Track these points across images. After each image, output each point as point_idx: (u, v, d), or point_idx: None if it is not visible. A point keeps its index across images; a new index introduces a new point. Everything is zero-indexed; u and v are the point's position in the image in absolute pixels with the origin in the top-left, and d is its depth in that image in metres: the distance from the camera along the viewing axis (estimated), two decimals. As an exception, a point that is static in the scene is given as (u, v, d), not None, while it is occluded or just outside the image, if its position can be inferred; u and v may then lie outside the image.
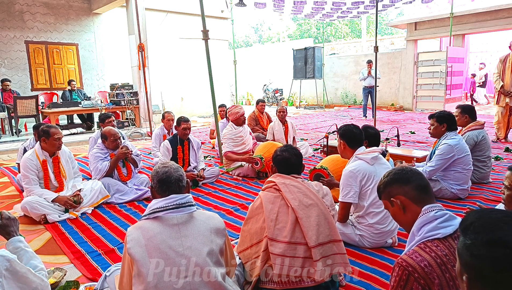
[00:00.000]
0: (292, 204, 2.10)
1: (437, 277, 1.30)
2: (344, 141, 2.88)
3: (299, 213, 2.07)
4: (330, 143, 5.58)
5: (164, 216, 1.68)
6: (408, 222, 1.57)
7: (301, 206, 2.10)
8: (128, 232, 1.68)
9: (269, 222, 2.08)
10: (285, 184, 2.19)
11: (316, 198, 2.16)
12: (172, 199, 1.71)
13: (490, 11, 11.47)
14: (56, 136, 3.64)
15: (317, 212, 2.09)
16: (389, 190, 1.62)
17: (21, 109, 8.28)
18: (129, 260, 1.62)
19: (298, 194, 2.14)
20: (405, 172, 1.61)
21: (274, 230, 2.06)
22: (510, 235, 0.89)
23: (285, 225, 2.07)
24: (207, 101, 11.85)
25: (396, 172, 1.64)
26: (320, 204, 2.14)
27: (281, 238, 2.04)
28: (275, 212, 2.11)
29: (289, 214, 2.09)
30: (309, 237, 2.01)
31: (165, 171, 1.78)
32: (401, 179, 1.60)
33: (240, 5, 9.63)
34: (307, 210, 2.09)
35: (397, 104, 13.66)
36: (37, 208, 3.46)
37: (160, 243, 1.62)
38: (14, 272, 1.63)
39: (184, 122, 4.53)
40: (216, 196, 4.24)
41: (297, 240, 2.03)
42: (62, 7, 10.91)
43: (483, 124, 4.35)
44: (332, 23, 28.20)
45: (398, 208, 1.58)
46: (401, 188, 1.58)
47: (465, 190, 3.83)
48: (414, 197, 1.55)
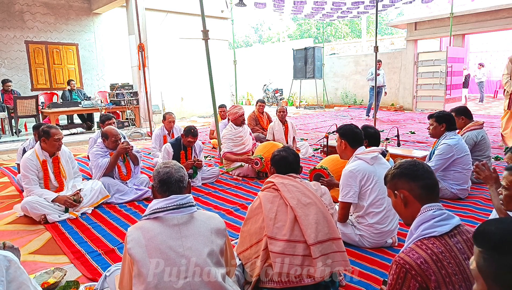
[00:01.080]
0: (291, 203, 2.12)
1: (434, 274, 1.32)
2: (345, 140, 2.88)
3: (298, 212, 2.09)
4: (330, 143, 5.58)
5: (164, 216, 1.68)
6: (407, 216, 1.60)
7: (300, 204, 2.12)
8: (128, 232, 1.68)
9: (268, 221, 2.10)
10: (283, 184, 2.21)
11: (315, 197, 2.18)
12: (173, 200, 1.71)
13: (490, 11, 11.47)
14: (56, 137, 3.64)
15: (316, 211, 2.11)
16: (395, 182, 1.61)
17: (21, 109, 8.29)
18: (129, 260, 1.62)
19: (296, 193, 2.17)
20: (416, 168, 1.58)
21: (273, 229, 2.08)
22: None
23: (284, 224, 2.09)
24: (207, 101, 11.85)
25: (407, 166, 1.61)
26: (318, 203, 2.16)
27: (280, 236, 2.06)
28: (274, 211, 2.13)
29: (287, 212, 2.11)
30: (308, 235, 2.03)
31: (166, 171, 1.77)
32: (410, 174, 1.57)
33: (240, 5, 9.63)
34: (305, 208, 2.11)
35: (397, 104, 13.67)
36: (37, 208, 3.45)
37: (160, 244, 1.62)
38: (12, 276, 1.59)
39: (192, 136, 4.45)
40: (216, 196, 4.24)
41: (296, 238, 2.05)
42: (62, 7, 10.91)
43: (482, 124, 4.36)
44: (332, 23, 28.20)
45: (401, 201, 1.59)
46: (407, 184, 1.57)
47: (465, 190, 3.84)
48: (418, 195, 1.55)
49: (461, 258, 1.37)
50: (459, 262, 1.36)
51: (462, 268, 1.35)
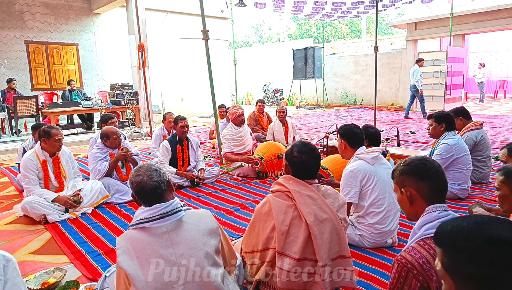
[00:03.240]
0: (308, 220, 1.92)
1: (435, 274, 1.31)
2: (345, 140, 2.88)
3: (314, 230, 1.91)
4: (330, 143, 5.57)
5: (151, 226, 1.62)
6: (410, 213, 1.58)
7: (316, 221, 1.94)
8: (117, 243, 1.62)
9: (279, 235, 1.93)
10: (300, 193, 1.99)
11: (331, 211, 2.00)
12: (156, 209, 1.63)
13: (490, 11, 11.47)
14: (57, 137, 3.64)
15: (331, 228, 1.97)
16: (404, 178, 1.57)
17: (21, 109, 8.29)
18: (123, 272, 1.58)
19: (313, 207, 1.97)
20: (427, 168, 1.53)
21: (285, 244, 1.93)
22: (506, 232, 0.89)
23: (296, 239, 1.93)
24: (207, 101, 11.85)
25: (417, 164, 1.56)
26: (334, 218, 1.99)
27: (291, 253, 1.92)
28: (287, 224, 1.95)
29: (302, 228, 1.94)
30: (320, 256, 1.90)
31: (139, 181, 1.66)
32: (420, 174, 1.53)
33: (240, 5, 9.63)
34: (321, 225, 1.95)
35: (397, 104, 13.66)
36: (37, 208, 3.45)
37: (151, 254, 1.57)
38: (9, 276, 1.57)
39: (181, 120, 4.54)
40: (216, 196, 4.23)
41: (307, 256, 1.93)
42: (62, 7, 10.91)
43: (481, 124, 4.36)
44: (332, 23, 28.20)
45: (406, 198, 1.56)
46: (416, 183, 1.53)
47: (465, 190, 3.84)
48: (425, 195, 1.52)
49: None
50: None
51: None
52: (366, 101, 14.73)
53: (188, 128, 4.65)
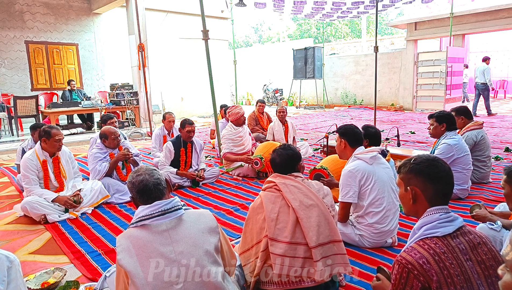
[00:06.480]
0: (293, 205, 2.10)
1: (436, 274, 1.31)
2: (345, 140, 2.88)
3: (300, 214, 2.07)
4: (330, 143, 5.57)
5: (151, 223, 1.63)
6: (411, 210, 1.56)
7: (302, 206, 2.10)
8: (117, 241, 1.63)
9: (269, 221, 2.08)
10: (285, 184, 2.19)
11: (317, 198, 2.17)
12: (157, 206, 1.66)
13: (490, 11, 11.47)
14: (57, 137, 3.64)
15: (318, 213, 2.10)
16: (412, 177, 1.52)
17: (21, 109, 8.28)
18: (123, 271, 1.58)
19: (298, 195, 2.15)
20: (438, 170, 1.48)
21: (275, 230, 2.07)
22: None
23: (286, 225, 2.07)
24: (207, 101, 11.86)
25: (428, 165, 1.50)
26: (320, 204, 2.15)
27: (281, 238, 2.05)
28: (275, 212, 2.11)
29: (289, 214, 2.09)
30: (310, 238, 2.02)
31: (141, 180, 1.71)
32: (430, 175, 1.48)
33: (240, 5, 9.63)
34: (307, 210, 2.09)
35: (397, 104, 13.66)
36: (37, 208, 3.45)
37: (151, 252, 1.58)
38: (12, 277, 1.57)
39: (188, 124, 4.49)
40: (216, 196, 4.23)
41: (298, 240, 2.04)
42: (62, 7, 10.91)
43: (481, 124, 4.36)
44: (332, 23, 28.20)
45: (410, 197, 1.52)
46: (423, 184, 1.49)
47: (465, 190, 3.83)
48: (430, 197, 1.49)
49: (462, 259, 1.36)
50: (461, 263, 1.35)
51: (463, 269, 1.34)
52: (366, 101, 14.73)
53: (194, 133, 4.60)
